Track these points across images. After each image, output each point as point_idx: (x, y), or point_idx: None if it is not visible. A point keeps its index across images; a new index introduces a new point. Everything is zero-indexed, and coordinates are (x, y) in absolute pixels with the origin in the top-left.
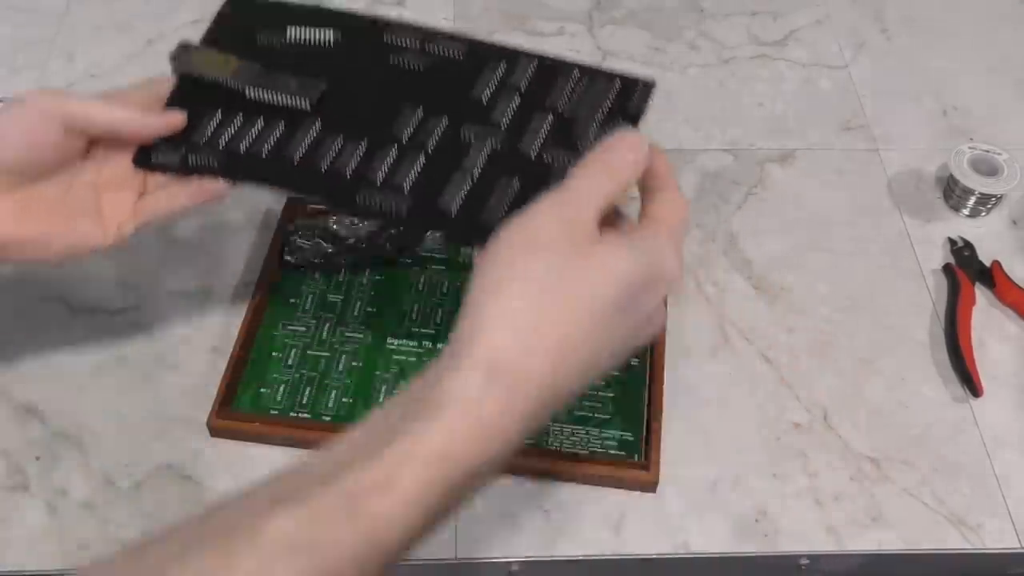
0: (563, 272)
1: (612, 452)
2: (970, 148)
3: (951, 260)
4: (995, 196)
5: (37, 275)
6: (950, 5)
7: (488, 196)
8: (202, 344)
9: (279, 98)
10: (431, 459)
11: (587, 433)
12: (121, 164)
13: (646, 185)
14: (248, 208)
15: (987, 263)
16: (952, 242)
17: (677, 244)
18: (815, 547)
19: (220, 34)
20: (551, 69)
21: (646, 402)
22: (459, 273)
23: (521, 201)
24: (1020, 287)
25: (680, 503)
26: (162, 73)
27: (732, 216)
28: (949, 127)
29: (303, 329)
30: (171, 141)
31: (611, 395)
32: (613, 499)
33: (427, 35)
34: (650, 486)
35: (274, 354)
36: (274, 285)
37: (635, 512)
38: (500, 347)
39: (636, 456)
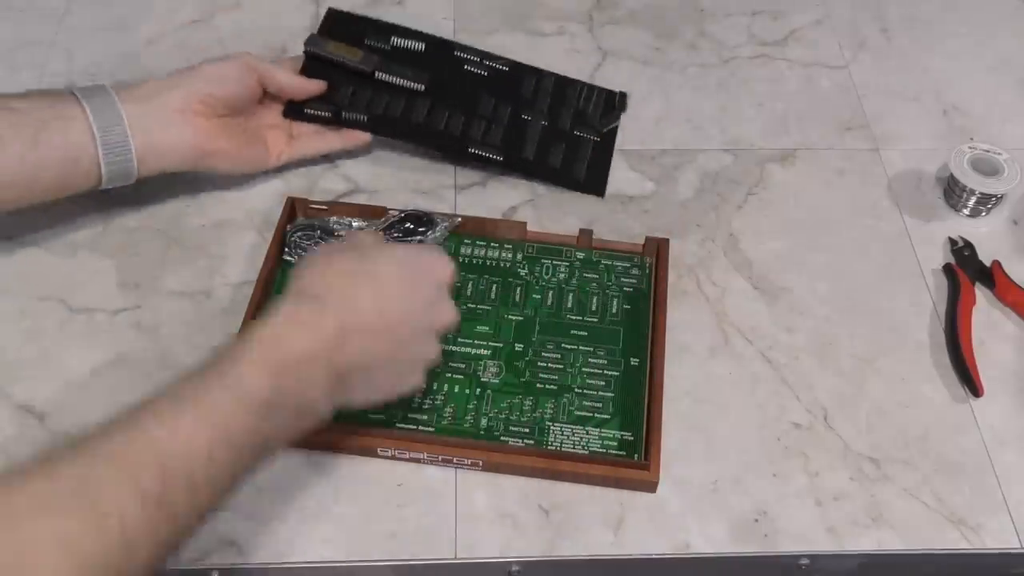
0: (355, 254)
1: (612, 452)
2: (970, 148)
3: (951, 260)
4: (995, 196)
5: (37, 275)
6: (950, 5)
7: (548, 152)
8: (202, 344)
9: (400, 81)
10: (263, 343)
11: (587, 433)
12: (279, 113)
13: None
14: (248, 208)
15: (987, 263)
16: (952, 242)
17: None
18: (815, 547)
19: (331, 32)
20: (564, 81)
21: (646, 402)
22: (458, 273)
23: (570, 154)
24: (1020, 287)
25: (680, 503)
26: (161, 71)
27: (732, 216)
28: (949, 127)
29: None
30: (317, 100)
31: (611, 395)
32: (613, 499)
33: (483, 54)
34: (650, 486)
35: None
36: (274, 285)
37: (635, 512)
38: (305, 281)
39: (636, 456)
